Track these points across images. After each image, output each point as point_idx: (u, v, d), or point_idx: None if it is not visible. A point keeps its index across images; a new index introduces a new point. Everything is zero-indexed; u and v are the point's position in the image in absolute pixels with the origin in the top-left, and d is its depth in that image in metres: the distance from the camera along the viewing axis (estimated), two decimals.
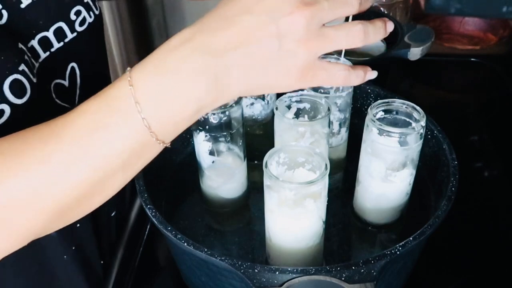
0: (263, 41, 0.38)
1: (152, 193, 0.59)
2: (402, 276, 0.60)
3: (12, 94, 0.45)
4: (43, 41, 0.52)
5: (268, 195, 0.52)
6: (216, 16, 0.41)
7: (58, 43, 0.53)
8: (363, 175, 0.61)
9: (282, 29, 0.38)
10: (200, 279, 0.57)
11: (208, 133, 0.61)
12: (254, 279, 0.48)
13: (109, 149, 0.39)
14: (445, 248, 0.69)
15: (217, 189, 0.66)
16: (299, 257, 0.55)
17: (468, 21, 1.19)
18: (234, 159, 0.64)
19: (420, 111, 0.58)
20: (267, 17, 0.38)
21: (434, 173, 0.64)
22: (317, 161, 0.52)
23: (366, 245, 0.65)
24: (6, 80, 0.45)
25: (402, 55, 0.87)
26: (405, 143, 0.57)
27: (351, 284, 0.47)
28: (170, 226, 0.53)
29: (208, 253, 0.50)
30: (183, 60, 0.38)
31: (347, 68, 0.44)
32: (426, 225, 0.52)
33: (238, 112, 0.61)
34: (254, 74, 0.40)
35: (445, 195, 0.56)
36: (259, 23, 0.38)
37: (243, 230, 0.66)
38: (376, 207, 0.62)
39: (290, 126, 0.59)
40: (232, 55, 0.38)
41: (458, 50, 1.15)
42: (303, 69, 0.41)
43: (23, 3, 0.50)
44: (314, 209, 0.51)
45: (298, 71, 0.41)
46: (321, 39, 0.40)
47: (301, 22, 0.38)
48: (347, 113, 0.68)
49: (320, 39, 0.40)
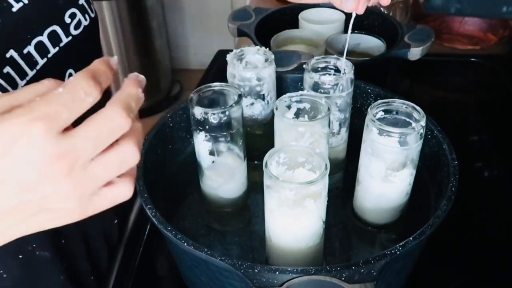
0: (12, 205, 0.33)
1: (152, 193, 0.59)
2: (402, 276, 0.60)
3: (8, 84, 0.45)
4: (39, 46, 0.51)
5: (268, 195, 0.52)
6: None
7: (53, 48, 0.53)
8: (363, 175, 0.61)
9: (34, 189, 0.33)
10: (200, 279, 0.57)
11: (208, 133, 0.61)
12: (254, 279, 0.48)
13: None
14: (445, 248, 0.69)
15: (217, 189, 0.66)
16: (299, 257, 0.55)
17: (468, 21, 1.19)
18: (234, 159, 0.64)
19: (420, 111, 0.58)
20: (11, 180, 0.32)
21: (434, 173, 0.64)
22: (317, 161, 0.52)
23: (366, 245, 0.65)
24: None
25: (402, 55, 0.87)
26: (405, 143, 0.57)
27: (351, 284, 0.47)
28: (170, 226, 0.53)
29: (208, 253, 0.50)
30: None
31: None
32: (426, 225, 0.52)
33: (238, 112, 0.61)
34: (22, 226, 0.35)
35: (445, 195, 0.56)
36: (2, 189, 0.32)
37: (243, 230, 0.66)
38: (376, 207, 0.62)
39: (290, 126, 0.59)
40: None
41: (458, 50, 1.15)
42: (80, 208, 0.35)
43: (14, 7, 0.49)
44: (314, 209, 0.51)
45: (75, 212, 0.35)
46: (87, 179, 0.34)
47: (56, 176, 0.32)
48: (347, 113, 0.68)
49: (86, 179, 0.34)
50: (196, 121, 0.60)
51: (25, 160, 0.32)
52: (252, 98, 0.70)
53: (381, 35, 0.97)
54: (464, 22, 1.19)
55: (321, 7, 1.04)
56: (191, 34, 2.53)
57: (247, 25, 0.98)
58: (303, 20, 1.02)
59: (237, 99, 0.60)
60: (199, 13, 2.43)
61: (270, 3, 1.32)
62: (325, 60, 0.67)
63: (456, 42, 1.16)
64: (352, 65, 0.66)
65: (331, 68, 0.67)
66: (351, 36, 0.98)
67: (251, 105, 0.70)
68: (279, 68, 0.76)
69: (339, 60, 0.66)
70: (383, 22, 1.00)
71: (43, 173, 0.32)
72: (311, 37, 0.99)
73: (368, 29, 1.00)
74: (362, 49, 0.99)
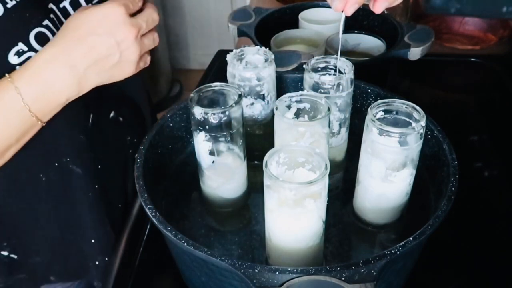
0: (107, 55, 0.57)
1: (152, 193, 0.59)
2: (402, 276, 0.60)
3: (37, 43, 0.58)
4: (73, 2, 0.64)
5: (268, 195, 0.52)
6: (68, 37, 0.57)
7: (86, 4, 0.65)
8: (363, 175, 0.61)
9: (120, 45, 0.57)
10: (200, 279, 0.57)
11: (208, 133, 0.61)
12: (254, 279, 0.48)
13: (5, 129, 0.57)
14: (445, 248, 0.69)
15: (217, 189, 0.66)
16: (299, 257, 0.55)
17: (468, 21, 1.19)
18: (234, 159, 0.64)
19: (420, 111, 0.58)
20: (108, 37, 0.56)
21: (434, 173, 0.64)
22: (317, 161, 0.52)
23: (366, 245, 0.65)
24: (31, 32, 0.58)
25: (402, 55, 0.87)
26: (405, 143, 0.57)
27: (351, 284, 0.47)
28: (170, 226, 0.53)
29: (208, 253, 0.50)
30: (55, 74, 0.56)
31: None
32: (426, 225, 0.52)
33: (238, 112, 0.61)
34: (104, 74, 0.59)
35: (445, 195, 0.56)
36: (103, 42, 0.56)
37: (243, 230, 0.66)
38: (376, 207, 0.62)
39: (290, 126, 0.59)
40: (86, 66, 0.57)
41: (458, 50, 1.15)
42: (136, 64, 0.60)
43: None
44: (314, 209, 0.51)
45: (133, 66, 0.60)
46: (143, 45, 0.60)
47: (131, 38, 0.58)
48: (347, 113, 0.68)
49: (142, 45, 0.60)
50: (196, 121, 0.60)
51: (115, 25, 0.56)
52: (252, 98, 0.70)
53: (381, 35, 0.97)
54: (464, 22, 1.19)
55: (321, 7, 1.04)
56: (191, 34, 2.53)
57: (247, 25, 0.98)
58: (303, 20, 1.02)
59: (237, 99, 0.60)
60: (199, 13, 2.43)
61: (270, 3, 1.32)
62: (325, 60, 0.67)
63: (456, 42, 1.16)
64: (352, 65, 0.66)
65: (331, 68, 0.67)
66: (351, 36, 0.99)
67: (251, 105, 0.70)
68: (279, 68, 0.76)
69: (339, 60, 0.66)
70: (383, 22, 1.00)
71: (124, 34, 0.57)
72: (311, 37, 0.99)
73: (368, 29, 1.00)
74: (362, 49, 0.99)
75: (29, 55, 0.58)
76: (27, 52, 0.58)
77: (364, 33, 0.98)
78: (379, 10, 0.60)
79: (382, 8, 0.60)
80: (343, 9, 0.58)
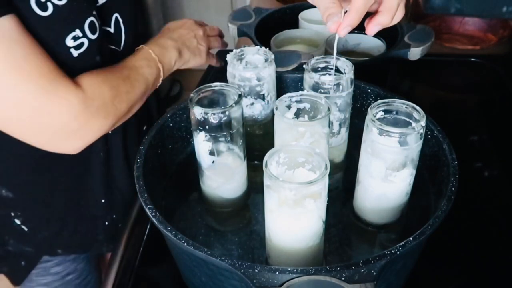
0: (189, 38, 0.85)
1: (152, 193, 0.59)
2: (402, 276, 0.60)
3: (89, 30, 0.67)
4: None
5: (268, 195, 0.52)
6: (165, 32, 0.85)
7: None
8: (363, 175, 0.61)
9: (196, 36, 0.86)
10: (200, 279, 0.57)
11: (208, 133, 0.61)
12: (254, 279, 0.48)
13: (150, 76, 0.75)
14: (445, 248, 0.69)
15: (217, 189, 0.66)
16: (299, 257, 0.55)
17: (468, 21, 1.19)
18: (234, 159, 0.64)
19: (420, 111, 0.58)
20: (189, 31, 0.86)
21: (434, 173, 0.64)
22: (317, 161, 0.52)
23: (366, 245, 0.65)
24: (86, 21, 0.66)
25: (402, 55, 0.87)
26: (405, 143, 0.57)
27: (351, 284, 0.47)
28: (170, 226, 0.53)
29: (208, 253, 0.50)
30: (171, 46, 0.81)
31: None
32: (426, 225, 0.52)
33: (238, 112, 0.61)
34: (189, 54, 0.84)
35: (445, 195, 0.56)
36: (186, 33, 0.85)
37: (243, 230, 0.66)
38: (376, 207, 0.62)
39: (290, 126, 0.59)
40: (181, 42, 0.83)
41: (458, 50, 1.15)
42: (205, 55, 0.87)
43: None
44: (314, 209, 0.51)
45: (204, 55, 0.87)
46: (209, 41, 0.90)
47: (201, 33, 0.87)
48: (347, 113, 0.68)
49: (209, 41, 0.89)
50: (196, 121, 0.60)
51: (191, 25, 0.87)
52: (252, 98, 0.70)
53: (381, 35, 0.96)
54: (464, 22, 1.19)
55: None
56: None
57: (247, 25, 0.98)
58: (303, 20, 1.02)
59: (237, 99, 0.60)
60: (199, 13, 2.43)
61: (270, 3, 1.32)
62: (325, 60, 0.67)
63: (456, 42, 1.16)
64: (352, 65, 0.66)
65: (331, 68, 0.67)
66: (351, 36, 0.99)
67: (251, 105, 0.70)
68: (279, 68, 0.76)
69: (339, 60, 0.66)
70: None
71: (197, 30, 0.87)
72: (311, 37, 0.99)
73: None
74: (362, 49, 0.99)
75: (82, 40, 0.66)
76: (81, 38, 0.66)
77: (364, 33, 0.98)
78: (371, 33, 0.62)
79: (374, 31, 0.61)
80: (336, 30, 0.59)
